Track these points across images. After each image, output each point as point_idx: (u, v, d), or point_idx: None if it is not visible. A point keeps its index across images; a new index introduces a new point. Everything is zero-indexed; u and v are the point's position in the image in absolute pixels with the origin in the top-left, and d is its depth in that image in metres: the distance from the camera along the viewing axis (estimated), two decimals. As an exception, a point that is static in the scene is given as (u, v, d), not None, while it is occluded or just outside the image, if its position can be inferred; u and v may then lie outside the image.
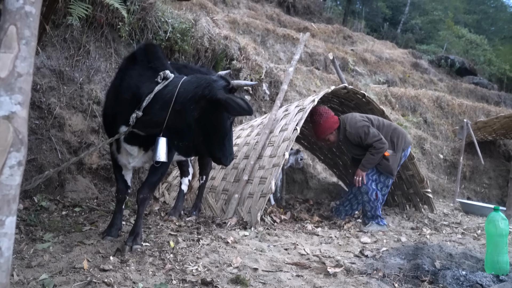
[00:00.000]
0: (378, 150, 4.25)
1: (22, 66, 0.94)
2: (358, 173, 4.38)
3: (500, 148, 10.60)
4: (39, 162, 4.14)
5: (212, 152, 2.78)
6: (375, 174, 4.44)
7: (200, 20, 6.30)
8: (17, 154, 0.93)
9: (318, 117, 4.46)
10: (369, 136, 4.26)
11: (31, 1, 0.94)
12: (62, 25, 4.82)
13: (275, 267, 2.71)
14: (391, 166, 4.39)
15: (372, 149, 4.27)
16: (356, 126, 4.34)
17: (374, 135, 4.27)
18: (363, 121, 4.38)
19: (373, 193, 4.40)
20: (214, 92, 2.53)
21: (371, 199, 4.39)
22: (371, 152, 4.28)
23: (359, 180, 4.37)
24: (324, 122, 4.44)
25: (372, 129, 4.30)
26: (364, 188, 4.41)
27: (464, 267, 2.93)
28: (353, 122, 4.39)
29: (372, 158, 4.28)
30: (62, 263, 2.42)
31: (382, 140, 4.26)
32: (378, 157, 4.28)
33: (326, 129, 4.45)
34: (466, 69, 18.03)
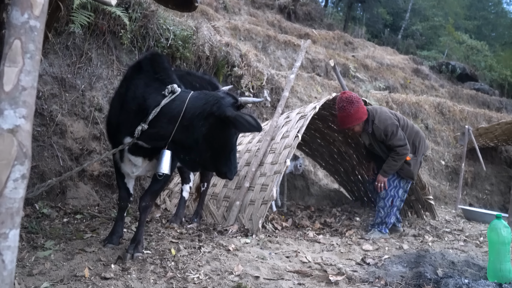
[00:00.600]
0: (401, 156, 4.13)
1: (27, 80, 0.95)
2: (380, 179, 4.25)
3: (502, 154, 10.59)
4: (40, 169, 4.14)
5: (218, 167, 2.79)
6: (396, 179, 4.30)
7: (201, 27, 6.33)
8: (21, 167, 0.94)
9: (348, 105, 4.11)
10: (395, 138, 4.11)
11: (35, 15, 0.95)
12: (65, 32, 4.85)
13: (277, 275, 2.70)
14: (412, 170, 4.29)
15: (394, 154, 4.14)
16: (385, 123, 4.14)
17: (400, 138, 4.12)
18: (393, 119, 4.21)
19: (389, 199, 4.29)
20: (223, 109, 2.54)
21: (386, 205, 4.29)
22: (394, 158, 4.14)
23: (381, 186, 4.25)
24: (354, 111, 4.11)
25: (400, 131, 4.15)
26: (383, 193, 4.30)
27: (466, 275, 2.92)
28: (382, 117, 4.19)
29: (394, 164, 4.16)
30: (63, 271, 2.42)
31: (406, 146, 4.13)
32: (400, 163, 4.16)
33: (355, 120, 4.14)
34: (467, 75, 18.06)
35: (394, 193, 4.31)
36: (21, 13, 0.94)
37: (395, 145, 4.11)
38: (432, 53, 20.99)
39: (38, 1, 0.96)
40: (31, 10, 0.95)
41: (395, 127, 4.13)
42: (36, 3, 0.95)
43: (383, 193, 4.30)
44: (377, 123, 4.15)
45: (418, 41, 23.81)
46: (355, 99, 4.13)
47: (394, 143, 4.11)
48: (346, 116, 4.14)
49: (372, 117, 4.21)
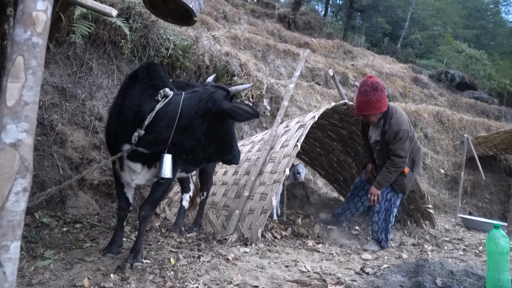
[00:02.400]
0: (397, 168, 3.98)
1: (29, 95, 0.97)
2: (373, 191, 4.10)
3: (501, 163, 10.60)
4: (40, 178, 4.16)
5: (224, 157, 2.91)
6: (389, 192, 4.18)
7: (201, 37, 6.38)
8: (23, 181, 0.96)
9: (372, 91, 3.85)
10: (399, 146, 3.93)
11: (38, 32, 0.98)
12: (65, 42, 4.89)
13: (276, 284, 2.70)
14: (406, 185, 4.18)
15: (390, 165, 3.98)
16: (400, 127, 3.93)
17: (404, 149, 3.94)
18: (407, 127, 4.00)
19: (383, 213, 4.18)
20: (218, 104, 2.60)
21: (381, 219, 4.17)
22: (389, 170, 3.98)
23: (374, 199, 4.10)
24: (376, 99, 3.86)
25: (407, 142, 3.97)
26: (377, 207, 4.18)
27: (465, 284, 2.91)
28: (400, 119, 3.97)
29: (388, 176, 4.00)
30: (62, 281, 2.42)
31: (405, 160, 3.98)
32: (395, 175, 4.02)
33: (374, 108, 3.90)
34: (466, 84, 18.12)
35: (387, 206, 4.19)
36: (24, 30, 0.97)
37: (396, 154, 3.95)
38: (431, 62, 21.08)
39: (41, 18, 0.98)
40: (33, 28, 0.97)
41: (406, 135, 3.95)
42: (39, 21, 0.98)
43: (376, 206, 4.17)
44: (393, 123, 3.95)
45: (417, 50, 23.92)
46: (380, 87, 3.87)
47: (396, 151, 3.94)
48: (366, 102, 3.89)
49: (390, 114, 4.01)
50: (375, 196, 4.09)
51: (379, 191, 4.08)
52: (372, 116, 4.00)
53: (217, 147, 2.77)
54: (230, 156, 2.90)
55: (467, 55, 21.72)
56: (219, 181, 4.90)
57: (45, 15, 0.99)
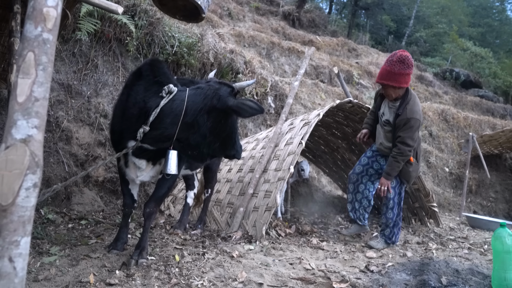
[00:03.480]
0: (404, 157, 3.86)
1: (39, 91, 0.97)
2: (383, 182, 3.97)
3: (506, 161, 10.55)
4: (46, 175, 4.18)
5: (227, 152, 2.93)
6: (396, 185, 4.09)
7: (206, 35, 6.38)
8: (33, 177, 0.96)
9: (398, 63, 3.74)
10: (409, 135, 3.81)
11: (48, 28, 0.98)
12: (71, 40, 4.91)
13: (280, 282, 2.71)
14: (412, 173, 4.06)
15: (397, 154, 3.86)
16: (414, 115, 3.81)
17: (413, 138, 3.83)
18: (420, 117, 3.88)
19: (396, 208, 4.11)
20: (223, 101, 2.62)
21: (394, 214, 4.11)
22: (396, 159, 3.87)
23: (384, 189, 3.97)
24: (399, 72, 3.73)
25: (416, 132, 3.87)
26: (391, 204, 4.10)
27: (471, 283, 2.91)
28: (416, 107, 3.86)
29: (396, 165, 3.89)
30: (68, 277, 2.44)
31: (411, 149, 3.87)
32: (402, 164, 3.91)
33: (394, 80, 3.77)
34: (471, 82, 18.03)
35: (398, 200, 4.14)
36: (35, 26, 0.97)
37: (404, 141, 3.82)
38: (436, 60, 20.97)
39: (51, 14, 0.99)
40: (44, 24, 0.98)
41: (417, 125, 3.84)
42: (49, 17, 0.98)
43: (390, 203, 4.10)
44: (408, 109, 3.82)
45: (422, 48, 23.82)
46: (408, 62, 3.75)
47: (405, 138, 3.81)
48: (388, 71, 3.78)
49: (408, 99, 3.88)
50: (385, 186, 3.97)
51: (389, 182, 3.97)
52: (390, 88, 3.86)
53: (221, 143, 2.79)
54: (233, 151, 2.93)
55: (472, 53, 21.59)
56: (224, 178, 4.90)
57: (55, 11, 1.00)
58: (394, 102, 3.98)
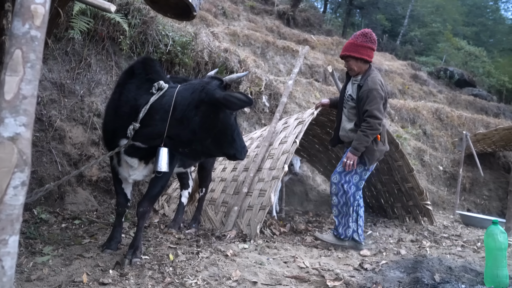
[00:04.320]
0: (374, 130, 3.67)
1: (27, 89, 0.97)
2: (349, 156, 3.77)
3: (500, 160, 10.62)
4: (39, 174, 4.15)
5: (225, 151, 2.84)
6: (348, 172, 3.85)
7: (200, 33, 6.37)
8: (21, 175, 0.96)
9: (361, 36, 3.83)
10: (375, 107, 3.68)
11: (36, 25, 0.97)
12: (64, 38, 4.88)
13: (275, 280, 2.71)
14: (376, 153, 3.82)
15: (366, 127, 3.68)
16: (374, 86, 3.72)
17: (380, 110, 3.71)
18: (382, 90, 3.77)
19: (343, 195, 3.86)
20: (210, 93, 2.57)
21: (340, 202, 3.87)
22: (365, 133, 3.68)
23: (349, 164, 3.76)
24: (361, 44, 3.79)
25: (381, 105, 3.75)
26: (335, 189, 3.89)
27: (463, 280, 2.92)
28: (376, 80, 3.78)
29: (364, 139, 3.69)
30: (61, 277, 2.42)
31: (380, 122, 3.71)
32: (370, 139, 3.71)
33: (357, 51, 3.79)
34: (465, 81, 18.13)
35: (347, 188, 3.85)
36: (23, 23, 0.97)
37: (372, 114, 3.67)
38: (430, 59, 21.05)
39: (39, 11, 0.98)
40: (32, 21, 0.97)
41: (380, 96, 3.73)
42: (38, 14, 0.98)
43: (334, 188, 3.88)
44: (369, 80, 3.77)
45: (416, 47, 23.90)
46: (370, 36, 3.83)
47: (372, 111, 3.67)
48: (351, 43, 3.86)
49: (369, 73, 3.86)
50: (351, 160, 3.76)
51: (355, 157, 3.77)
52: (352, 60, 3.86)
53: (214, 139, 2.71)
54: (232, 150, 2.82)
55: (466, 52, 21.69)
56: (218, 177, 4.90)
57: (43, 8, 0.99)
58: (356, 77, 3.94)
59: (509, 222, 5.16)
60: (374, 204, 6.27)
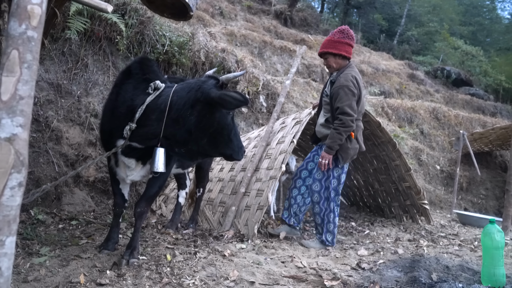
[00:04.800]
0: (346, 128, 3.61)
1: (24, 89, 0.96)
2: (324, 155, 3.72)
3: (497, 159, 10.66)
4: (36, 175, 4.14)
5: (221, 151, 2.81)
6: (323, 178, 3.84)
7: (197, 34, 6.37)
8: (18, 176, 0.95)
9: (338, 32, 3.82)
10: (347, 103, 3.61)
11: (33, 26, 0.97)
12: (61, 39, 4.87)
13: (272, 280, 2.71)
14: (350, 151, 3.76)
15: (339, 125, 3.62)
16: (346, 84, 3.65)
17: (351, 107, 3.62)
18: (353, 86, 3.67)
19: (324, 202, 3.86)
20: (206, 93, 2.56)
21: (322, 210, 3.87)
22: (338, 130, 3.62)
23: (325, 163, 3.71)
24: (339, 40, 3.77)
25: (354, 102, 3.65)
26: (317, 197, 3.86)
27: (461, 279, 2.93)
28: (346, 76, 3.70)
29: (338, 137, 3.63)
30: (58, 278, 2.42)
31: (353, 119, 3.62)
32: (344, 136, 3.65)
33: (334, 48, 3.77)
34: (462, 80, 18.18)
35: (326, 195, 3.85)
36: (19, 24, 0.96)
37: (343, 111, 3.60)
38: (427, 59, 21.09)
39: (36, 12, 0.98)
40: (29, 21, 0.97)
41: (351, 93, 3.64)
42: (34, 14, 0.97)
43: (316, 196, 3.87)
44: (342, 76, 3.72)
45: (413, 46, 23.94)
46: (347, 32, 3.80)
47: (343, 108, 3.60)
48: (329, 40, 3.84)
49: (344, 69, 3.81)
50: (326, 160, 3.72)
51: (330, 156, 3.71)
52: (331, 57, 3.83)
53: (210, 139, 2.68)
54: (229, 150, 2.79)
55: (463, 52, 21.76)
56: (216, 177, 4.90)
57: (40, 9, 0.99)
58: (333, 74, 3.92)
59: (506, 221, 5.17)
60: (372, 204, 6.28)
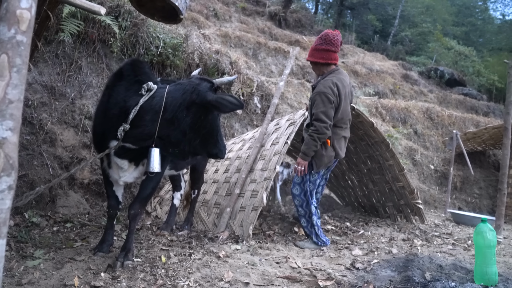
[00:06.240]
0: (320, 135, 3.58)
1: (13, 93, 0.97)
2: (299, 161, 3.73)
3: (490, 158, 10.73)
4: (30, 178, 4.13)
5: (209, 150, 2.87)
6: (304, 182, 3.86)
7: (191, 35, 6.37)
8: (8, 179, 0.96)
9: (318, 39, 3.81)
10: (320, 109, 3.58)
11: (22, 30, 0.98)
12: (54, 41, 4.85)
13: (267, 281, 2.72)
14: (324, 158, 3.74)
15: (313, 131, 3.61)
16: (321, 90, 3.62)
17: (326, 113, 3.57)
18: (330, 92, 3.60)
19: (306, 205, 3.89)
20: (202, 96, 2.60)
21: (306, 212, 3.92)
22: (312, 137, 3.60)
23: (300, 169, 3.73)
24: (319, 48, 3.77)
25: (329, 108, 3.59)
26: (298, 200, 3.91)
27: (454, 278, 2.95)
28: (326, 83, 3.65)
29: (312, 143, 3.62)
30: (52, 280, 2.41)
31: (327, 126, 3.58)
32: (319, 143, 3.64)
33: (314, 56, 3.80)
34: (455, 80, 18.30)
35: (307, 198, 3.88)
36: (8, 28, 0.97)
37: (317, 118, 3.58)
38: (421, 59, 21.20)
39: (25, 16, 0.98)
40: (18, 26, 0.97)
41: (328, 100, 3.59)
42: (23, 19, 0.98)
43: (297, 200, 3.92)
44: (321, 84, 3.69)
45: (407, 47, 24.05)
46: (325, 39, 3.74)
47: (318, 114, 3.58)
48: (312, 48, 3.84)
49: (326, 75, 3.78)
50: (302, 166, 3.73)
51: (305, 162, 3.72)
52: (313, 65, 3.88)
53: (202, 139, 2.75)
54: (216, 149, 2.87)
55: (456, 52, 21.88)
56: (210, 179, 4.90)
57: (29, 13, 0.99)
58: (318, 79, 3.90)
59: (499, 219, 5.20)
60: (366, 204, 6.31)
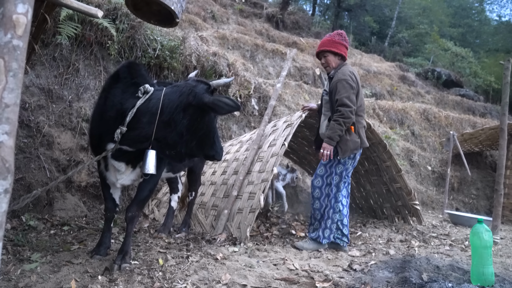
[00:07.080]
0: (346, 119, 3.68)
1: (10, 97, 0.97)
2: (325, 146, 3.77)
3: (487, 159, 10.76)
4: (27, 181, 4.12)
5: (206, 152, 2.89)
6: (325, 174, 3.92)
7: (188, 37, 6.38)
8: (4, 182, 0.96)
9: (337, 34, 3.99)
10: (345, 95, 3.70)
11: (18, 35, 0.98)
12: (52, 44, 4.86)
13: (264, 283, 2.72)
14: (349, 143, 3.79)
15: (339, 116, 3.69)
16: (344, 77, 3.77)
17: (350, 98, 3.70)
18: (351, 81, 3.77)
19: (325, 199, 3.91)
20: (199, 97, 2.61)
21: (322, 205, 3.91)
22: (338, 122, 3.69)
23: (326, 154, 3.76)
24: (338, 41, 3.94)
25: (352, 95, 3.73)
26: (318, 193, 3.92)
27: (451, 279, 2.97)
28: (344, 71, 3.84)
29: (338, 127, 3.70)
30: (49, 284, 2.41)
31: (352, 110, 3.69)
32: (344, 128, 3.71)
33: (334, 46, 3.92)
34: (452, 81, 18.34)
35: (327, 191, 3.91)
36: (4, 33, 0.98)
37: (342, 103, 3.68)
38: (418, 60, 21.25)
39: (21, 21, 0.99)
40: (14, 30, 0.98)
41: (350, 85, 3.74)
42: (19, 23, 0.99)
43: (317, 192, 3.93)
44: (339, 72, 3.85)
45: (404, 48, 24.10)
46: (345, 38, 4.00)
47: (342, 100, 3.69)
48: (329, 40, 3.98)
49: (341, 66, 3.94)
50: (328, 150, 3.77)
51: (331, 147, 3.76)
52: (331, 55, 3.96)
53: (198, 141, 2.75)
54: (212, 151, 2.89)
55: (453, 53, 21.94)
56: (208, 181, 4.90)
57: (25, 18, 1.00)
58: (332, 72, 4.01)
59: (496, 220, 5.23)
60: (364, 205, 6.32)
